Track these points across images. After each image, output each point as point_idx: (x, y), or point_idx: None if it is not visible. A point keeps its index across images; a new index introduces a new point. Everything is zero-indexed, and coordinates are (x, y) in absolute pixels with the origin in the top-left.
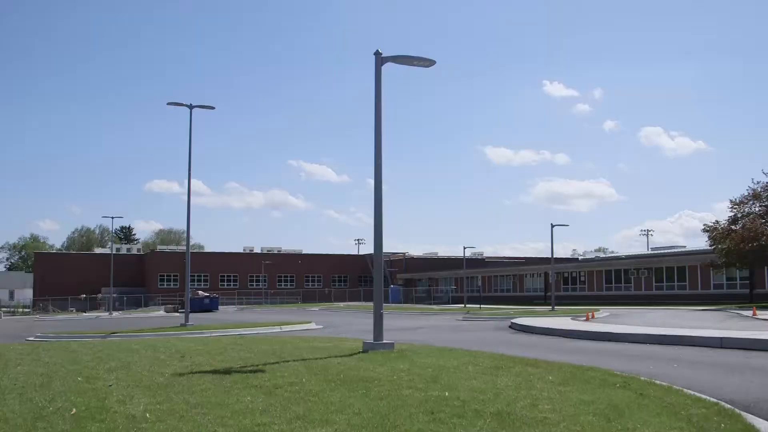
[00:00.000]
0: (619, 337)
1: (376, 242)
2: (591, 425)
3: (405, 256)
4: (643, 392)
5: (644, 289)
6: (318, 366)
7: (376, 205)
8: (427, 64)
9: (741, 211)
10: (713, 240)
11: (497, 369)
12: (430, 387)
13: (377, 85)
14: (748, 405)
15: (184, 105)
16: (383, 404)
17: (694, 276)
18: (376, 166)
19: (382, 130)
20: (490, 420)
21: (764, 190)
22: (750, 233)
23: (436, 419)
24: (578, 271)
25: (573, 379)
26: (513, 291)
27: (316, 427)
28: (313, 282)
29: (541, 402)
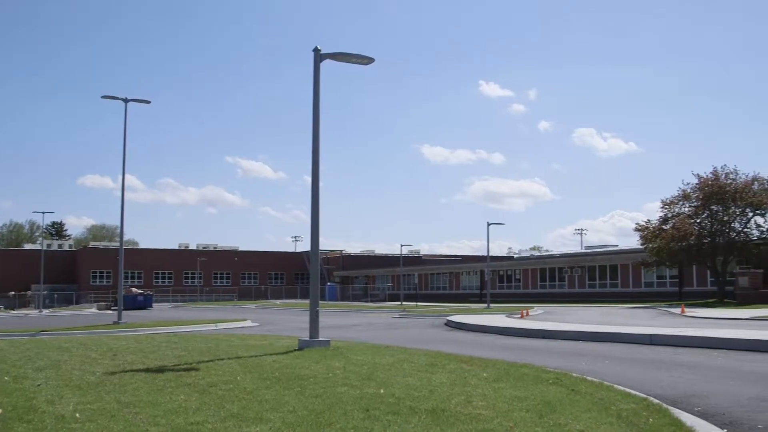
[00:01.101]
0: (553, 334)
1: (312, 239)
2: (524, 421)
3: (342, 254)
4: (575, 388)
5: (578, 287)
6: (253, 364)
7: (313, 203)
8: (366, 62)
9: (671, 211)
10: (644, 239)
11: (432, 366)
12: (365, 384)
13: (315, 82)
14: (676, 400)
15: (119, 99)
16: (318, 402)
17: (626, 274)
18: (313, 163)
19: (320, 127)
20: (425, 417)
21: (693, 191)
22: (680, 233)
23: (371, 416)
24: (513, 269)
25: (507, 376)
26: (449, 289)
27: (251, 425)
28: (249, 279)
29: (475, 399)
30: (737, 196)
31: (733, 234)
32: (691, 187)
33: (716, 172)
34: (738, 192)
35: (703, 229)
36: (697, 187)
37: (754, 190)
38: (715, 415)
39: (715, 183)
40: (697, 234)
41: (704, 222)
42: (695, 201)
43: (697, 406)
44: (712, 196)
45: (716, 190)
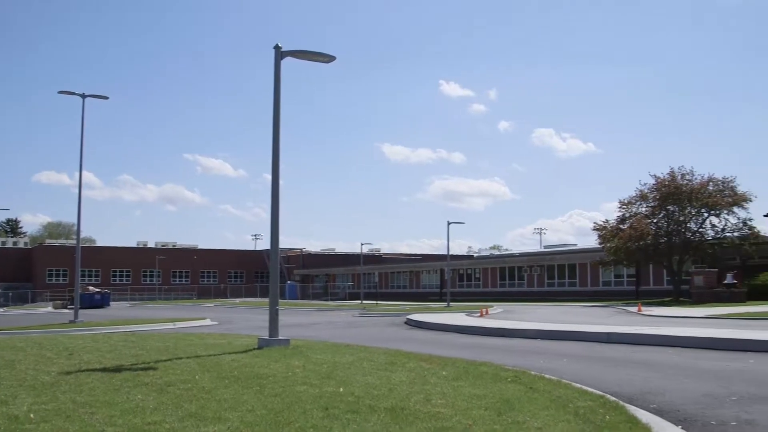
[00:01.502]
0: (512, 332)
1: (272, 238)
2: (482, 419)
3: (302, 252)
4: (533, 386)
5: (537, 285)
6: (211, 363)
7: (273, 201)
8: (327, 60)
9: (629, 211)
10: (602, 239)
11: (392, 365)
12: (324, 383)
13: (276, 79)
14: (632, 397)
15: (77, 94)
16: (277, 401)
17: (584, 273)
18: (273, 161)
19: (280, 125)
20: (384, 415)
21: (651, 191)
22: (637, 232)
23: (330, 415)
24: (473, 268)
25: (466, 374)
26: (409, 287)
27: (209, 424)
28: (208, 278)
29: (435, 397)
30: (693, 197)
31: (689, 234)
32: (649, 188)
33: (673, 173)
34: (694, 193)
35: (660, 228)
36: (654, 187)
37: (710, 191)
38: (671, 411)
39: (671, 184)
40: (653, 234)
41: (661, 222)
42: (652, 201)
43: (653, 403)
44: (668, 196)
45: (673, 191)
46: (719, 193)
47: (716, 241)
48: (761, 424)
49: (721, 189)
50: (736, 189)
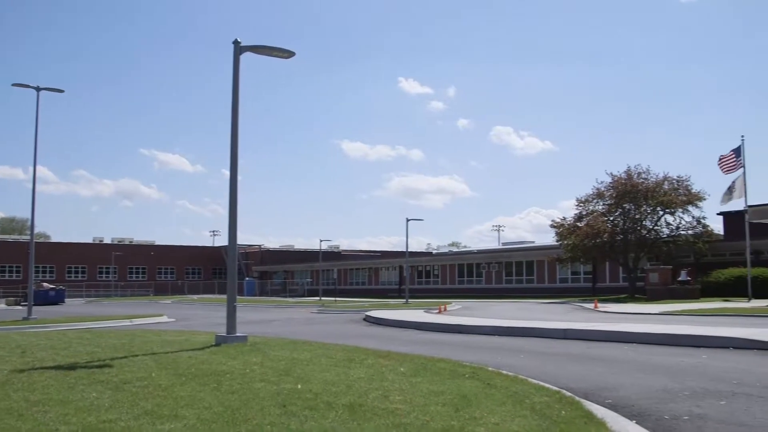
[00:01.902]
0: (470, 329)
1: (230, 234)
2: (440, 415)
3: (261, 249)
4: (491, 382)
5: (495, 282)
6: (168, 360)
7: (231, 196)
8: (287, 56)
9: (586, 209)
10: (560, 236)
11: (350, 361)
12: (282, 380)
13: (235, 74)
14: (588, 392)
15: (31, 87)
16: (234, 398)
17: (542, 270)
18: (232, 156)
19: (239, 121)
20: (342, 412)
21: (607, 189)
22: (593, 230)
23: (287, 412)
24: (432, 264)
25: (424, 371)
26: (368, 284)
27: (165, 422)
28: (166, 274)
29: (393, 393)
30: (649, 196)
31: (645, 232)
32: (605, 186)
33: (629, 171)
34: (649, 191)
35: (616, 226)
36: (610, 185)
37: (665, 190)
38: (625, 406)
39: (628, 182)
40: (610, 231)
41: (617, 220)
42: (609, 199)
43: (608, 398)
44: (625, 194)
45: (629, 189)
46: (674, 191)
47: (671, 239)
48: (713, 418)
49: (676, 188)
50: (691, 188)
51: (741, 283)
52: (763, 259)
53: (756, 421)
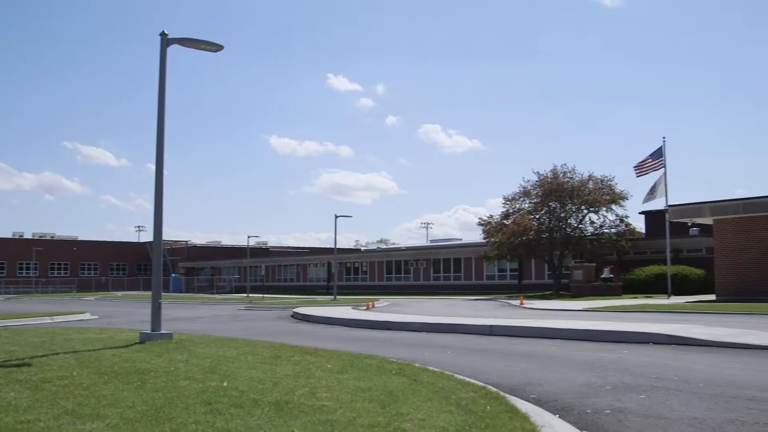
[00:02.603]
0: (398, 325)
1: (155, 229)
2: (366, 411)
3: (187, 245)
4: (417, 378)
5: (423, 279)
6: (90, 358)
7: (156, 191)
8: (215, 49)
9: (513, 207)
10: (487, 233)
11: (277, 358)
12: (208, 378)
13: (162, 67)
14: (513, 388)
15: None
16: (159, 396)
17: (469, 267)
18: (158, 150)
19: (165, 114)
20: (268, 409)
21: (534, 188)
22: (520, 228)
23: (213, 410)
24: (360, 261)
25: (351, 367)
26: (296, 281)
27: (86, 422)
28: (89, 270)
29: (320, 390)
30: (574, 194)
31: (569, 230)
32: (532, 184)
33: (555, 170)
34: (575, 190)
35: (542, 224)
36: (537, 184)
37: (590, 189)
38: (549, 401)
39: (554, 181)
40: (536, 229)
41: (543, 218)
42: (535, 198)
43: (533, 393)
44: (550, 193)
45: (555, 188)
46: (598, 191)
47: (595, 237)
48: (633, 411)
49: (601, 187)
50: (614, 187)
51: (661, 281)
52: (682, 257)
53: (673, 413)
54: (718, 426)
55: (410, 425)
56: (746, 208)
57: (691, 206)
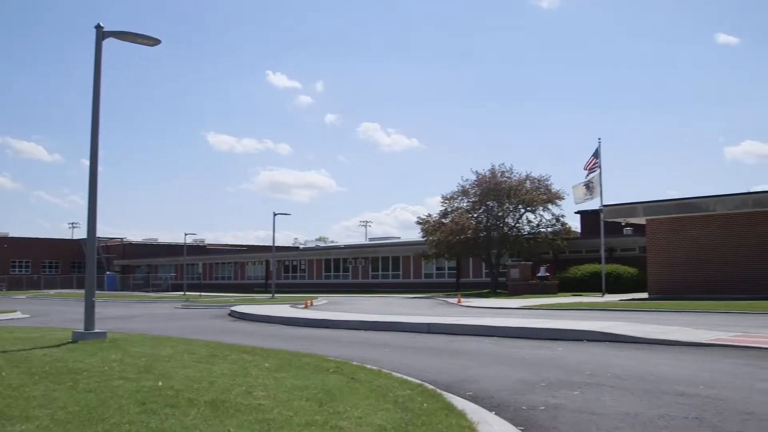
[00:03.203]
0: (336, 323)
1: (89, 226)
2: (303, 410)
3: (123, 242)
4: (355, 376)
5: (362, 277)
6: (20, 358)
7: (90, 187)
8: (152, 43)
9: (451, 205)
10: (425, 232)
11: (213, 357)
12: (142, 377)
13: (97, 60)
14: (449, 385)
15: None
16: (91, 397)
17: (408, 266)
18: (92, 146)
19: (100, 109)
20: (204, 408)
21: (472, 187)
22: (458, 226)
23: (147, 410)
24: (299, 259)
25: (288, 366)
26: (234, 279)
27: (15, 423)
28: (20, 268)
29: (256, 389)
30: (511, 194)
31: (507, 229)
32: (470, 184)
33: (493, 170)
34: (512, 189)
35: (480, 223)
36: (475, 183)
37: (527, 188)
38: (485, 398)
39: (492, 180)
40: (474, 228)
41: (481, 217)
42: (473, 197)
43: (469, 390)
44: (488, 192)
45: (493, 187)
46: (535, 190)
47: (531, 236)
48: (567, 407)
49: (537, 187)
50: (551, 187)
51: (596, 279)
52: (617, 256)
53: (607, 409)
54: (648, 421)
55: (347, 423)
56: (678, 208)
57: (625, 206)
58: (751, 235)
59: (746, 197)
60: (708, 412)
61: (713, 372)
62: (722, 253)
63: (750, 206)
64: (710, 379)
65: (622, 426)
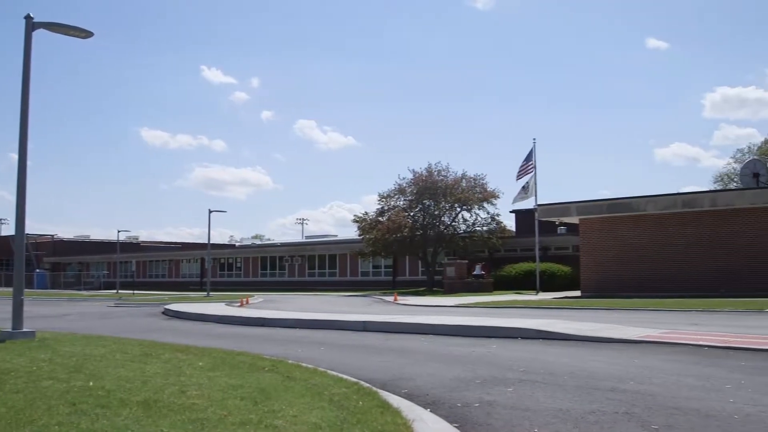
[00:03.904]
0: (272, 322)
1: (18, 222)
2: (238, 409)
3: (53, 239)
4: (290, 375)
5: (298, 275)
6: None
7: (19, 182)
8: (84, 35)
9: (388, 204)
10: (362, 230)
11: (146, 356)
12: (73, 377)
13: (26, 52)
14: (385, 383)
15: None
16: (19, 398)
17: (344, 264)
18: (21, 139)
19: (29, 102)
20: (136, 409)
21: (409, 185)
22: (395, 225)
23: (78, 410)
24: (235, 257)
25: (223, 365)
26: (169, 277)
27: None
28: None
29: (190, 388)
30: (448, 192)
31: (443, 227)
32: (407, 182)
33: (430, 168)
34: (448, 188)
35: (416, 222)
36: (411, 182)
37: (463, 187)
38: (420, 396)
39: (428, 179)
40: (410, 226)
41: (417, 215)
42: (410, 195)
43: (405, 388)
44: (425, 191)
45: (429, 186)
46: (471, 189)
47: (467, 235)
48: (501, 404)
49: (473, 186)
50: (486, 186)
51: (530, 277)
52: (550, 255)
53: (540, 405)
54: (580, 416)
55: (282, 422)
56: (609, 208)
57: (558, 206)
58: (680, 234)
59: (676, 198)
60: (637, 407)
61: (643, 368)
62: (653, 252)
63: (679, 207)
64: (640, 375)
65: (555, 422)
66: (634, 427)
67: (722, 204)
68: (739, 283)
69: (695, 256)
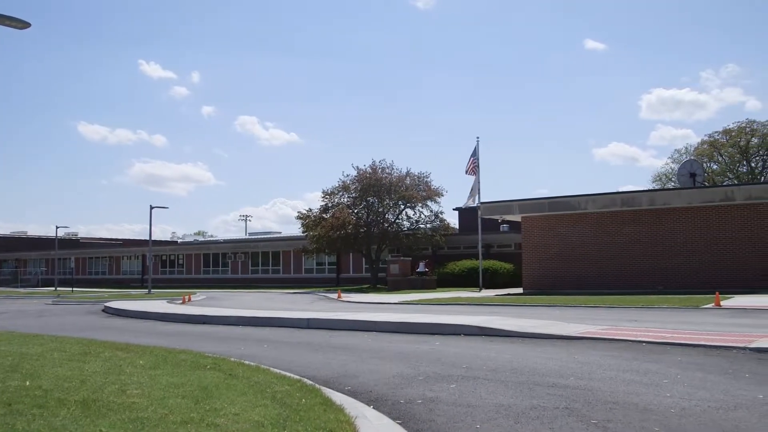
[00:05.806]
0: (214, 319)
1: None
2: (179, 407)
3: None
4: (233, 373)
5: (241, 272)
6: None
7: None
8: (21, 26)
9: (332, 201)
10: (306, 227)
11: (85, 355)
12: (9, 377)
13: None
14: (328, 380)
15: None
16: None
17: (288, 261)
18: None
19: None
20: (75, 408)
21: (353, 182)
22: (338, 222)
23: (13, 411)
24: (177, 254)
25: (164, 363)
26: (109, 274)
27: None
28: None
29: (130, 387)
30: (392, 190)
31: (387, 224)
32: (351, 179)
33: (374, 165)
34: (392, 186)
35: (360, 219)
36: (356, 179)
37: (407, 185)
38: (364, 392)
39: (372, 176)
40: (354, 223)
41: (361, 212)
42: (354, 192)
43: (348, 385)
44: (369, 188)
45: (373, 183)
46: (415, 187)
47: (411, 232)
48: (444, 400)
49: (417, 183)
50: (430, 184)
51: (473, 274)
52: (493, 252)
53: (482, 401)
54: (521, 412)
55: (224, 420)
56: (550, 206)
57: (501, 204)
58: (619, 233)
59: (615, 197)
60: (577, 402)
61: (583, 364)
62: (593, 250)
63: (618, 205)
64: (580, 371)
65: (497, 417)
66: (574, 421)
67: (660, 203)
68: (677, 280)
69: (634, 253)
